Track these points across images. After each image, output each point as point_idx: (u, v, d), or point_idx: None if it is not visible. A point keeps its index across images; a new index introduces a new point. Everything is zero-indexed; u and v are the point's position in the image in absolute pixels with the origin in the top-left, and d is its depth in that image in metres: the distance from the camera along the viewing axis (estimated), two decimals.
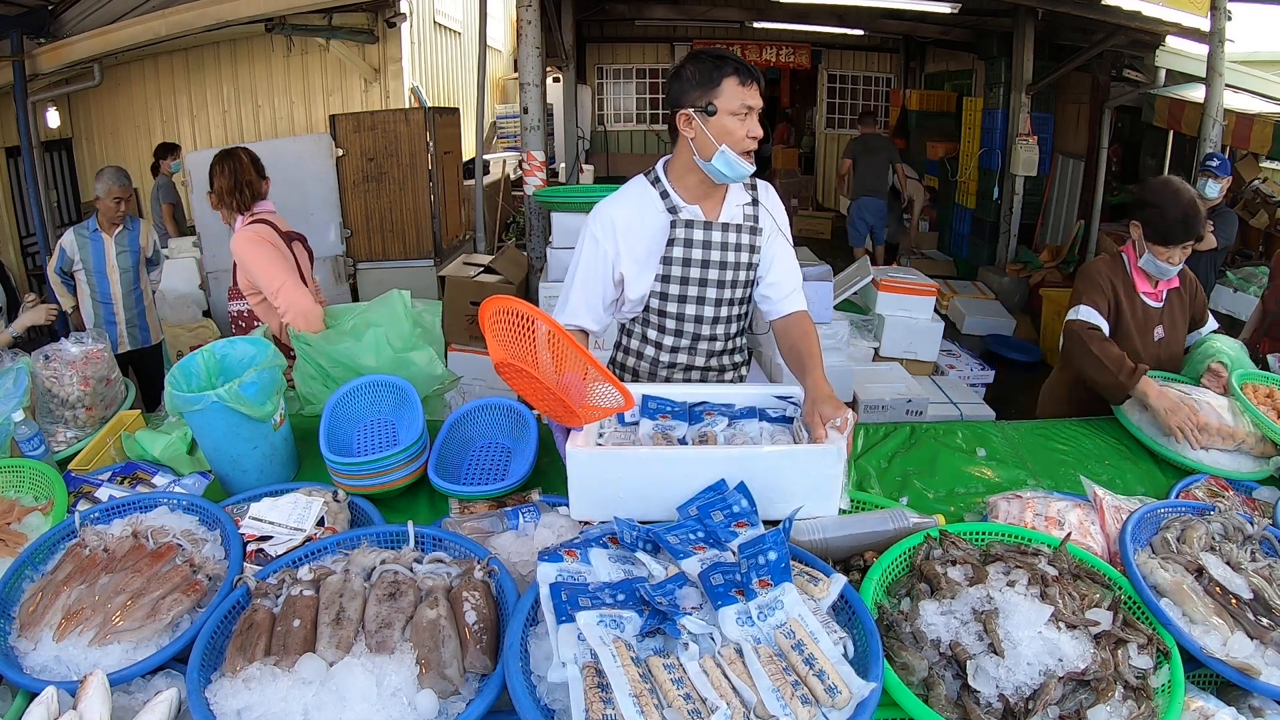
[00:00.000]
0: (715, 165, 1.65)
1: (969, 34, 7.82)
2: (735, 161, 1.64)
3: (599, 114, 11.07)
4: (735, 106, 1.61)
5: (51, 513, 1.48)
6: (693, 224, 1.74)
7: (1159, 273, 2.14)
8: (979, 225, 7.67)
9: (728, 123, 1.62)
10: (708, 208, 1.76)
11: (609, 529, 1.27)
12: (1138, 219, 2.12)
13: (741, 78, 1.62)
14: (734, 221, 1.78)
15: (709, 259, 1.75)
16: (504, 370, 1.34)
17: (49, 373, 1.87)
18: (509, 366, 1.32)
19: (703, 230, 1.74)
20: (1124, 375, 1.94)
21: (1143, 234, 2.12)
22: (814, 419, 1.46)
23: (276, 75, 6.64)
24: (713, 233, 1.75)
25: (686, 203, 1.75)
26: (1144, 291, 2.18)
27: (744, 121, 1.63)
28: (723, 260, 1.76)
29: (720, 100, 1.62)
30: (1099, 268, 2.21)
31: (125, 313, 3.81)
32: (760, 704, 0.96)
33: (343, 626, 1.09)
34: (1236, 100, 5.13)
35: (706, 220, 1.75)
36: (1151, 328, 2.19)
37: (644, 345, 1.88)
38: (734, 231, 1.77)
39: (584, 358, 1.29)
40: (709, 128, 1.63)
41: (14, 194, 5.83)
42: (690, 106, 1.64)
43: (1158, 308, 2.20)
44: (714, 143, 1.63)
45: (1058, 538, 1.32)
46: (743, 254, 1.78)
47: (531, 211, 4.73)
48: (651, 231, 1.75)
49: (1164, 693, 1.07)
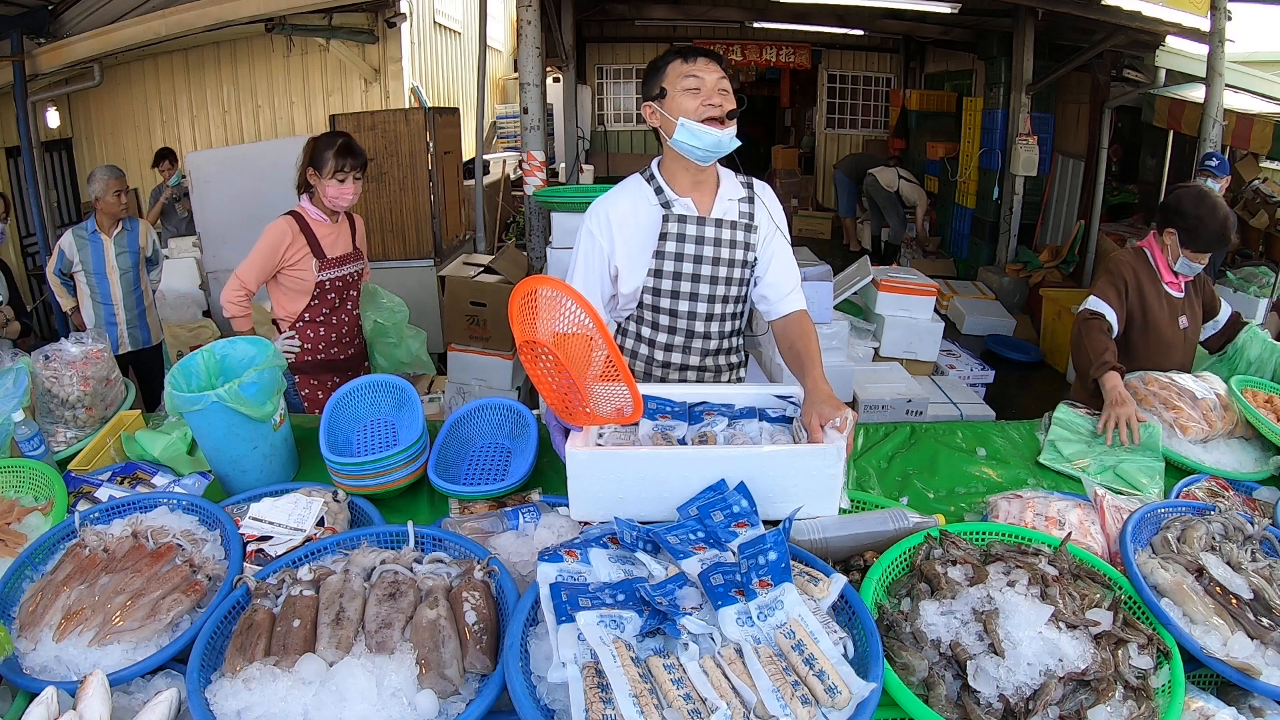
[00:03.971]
0: (681, 140, 1.68)
1: (969, 34, 7.82)
2: (697, 130, 1.66)
3: (599, 114, 11.07)
4: (682, 83, 1.68)
5: (51, 513, 1.48)
6: (685, 219, 1.75)
7: (1190, 272, 2.26)
8: (979, 225, 7.67)
9: (679, 99, 1.68)
10: (700, 200, 1.78)
11: (609, 529, 1.27)
12: (1174, 228, 2.21)
13: (685, 57, 1.69)
14: (728, 218, 1.78)
15: (701, 254, 1.76)
16: (526, 351, 1.36)
17: (49, 373, 1.87)
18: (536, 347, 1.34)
19: (695, 225, 1.75)
20: (1094, 369, 2.02)
21: (1179, 241, 2.22)
22: (812, 419, 1.46)
23: (276, 75, 6.63)
24: (705, 228, 1.76)
25: (679, 196, 1.76)
26: (1168, 283, 2.28)
27: (696, 95, 1.68)
28: (715, 256, 1.77)
29: (667, 82, 1.70)
30: (1122, 261, 2.31)
31: (125, 313, 3.81)
32: (760, 704, 0.96)
33: (343, 626, 1.09)
34: (1236, 100, 5.13)
35: (699, 215, 1.76)
36: (1177, 317, 2.28)
37: (639, 344, 1.88)
38: (728, 228, 1.77)
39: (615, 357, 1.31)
40: (665, 109, 1.70)
41: (14, 194, 5.82)
42: (648, 100, 1.75)
43: (1180, 298, 2.30)
44: (672, 120, 1.68)
45: (1058, 538, 1.32)
46: (737, 251, 1.78)
47: (531, 211, 4.73)
48: (645, 225, 1.77)
49: (1164, 693, 1.07)
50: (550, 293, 1.36)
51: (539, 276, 1.39)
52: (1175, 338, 2.27)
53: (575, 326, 1.37)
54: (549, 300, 1.36)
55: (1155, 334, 2.24)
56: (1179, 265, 2.24)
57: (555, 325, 1.37)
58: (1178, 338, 2.27)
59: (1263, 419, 1.83)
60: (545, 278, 1.39)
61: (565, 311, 1.36)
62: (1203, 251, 2.20)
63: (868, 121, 10.92)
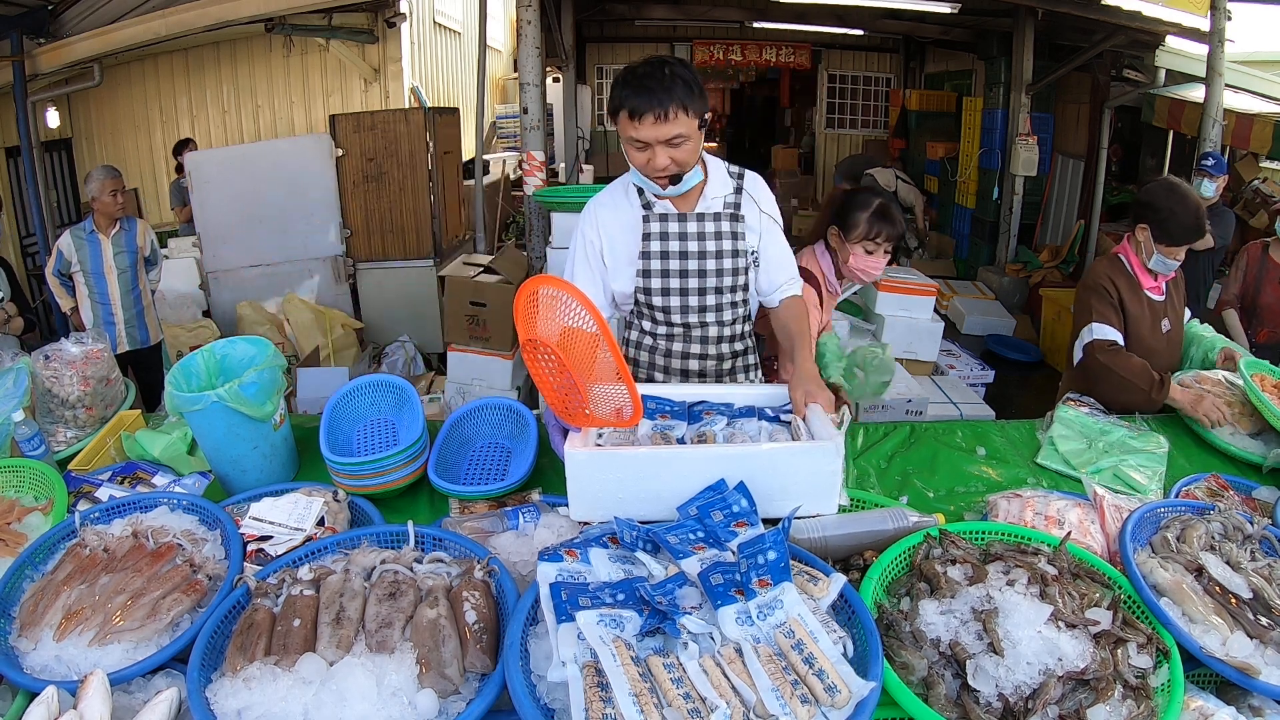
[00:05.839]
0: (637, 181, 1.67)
1: (969, 34, 7.82)
2: (647, 182, 1.65)
3: (599, 114, 11.06)
4: (627, 135, 1.58)
5: (51, 513, 1.48)
6: (666, 217, 1.75)
7: (1166, 269, 2.18)
8: (979, 225, 7.67)
9: (628, 148, 1.61)
10: (680, 201, 1.76)
11: (609, 529, 1.27)
12: (1145, 222, 2.14)
13: (631, 112, 1.53)
14: (710, 211, 1.77)
15: (686, 250, 1.76)
16: (529, 350, 1.36)
17: (49, 373, 1.87)
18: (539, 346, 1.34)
19: (677, 222, 1.75)
20: (1154, 392, 1.99)
21: (1151, 236, 2.14)
22: (798, 396, 1.52)
23: (276, 75, 6.63)
24: (688, 224, 1.75)
25: (658, 198, 1.74)
26: (1148, 288, 2.21)
27: (641, 153, 1.58)
28: (701, 250, 1.76)
29: (618, 126, 1.59)
30: (1099, 273, 2.23)
31: (124, 313, 3.81)
32: (760, 703, 0.96)
33: (343, 626, 1.09)
34: (1236, 100, 5.13)
35: (680, 212, 1.76)
36: (1159, 321, 2.23)
37: (642, 337, 1.90)
38: (711, 220, 1.76)
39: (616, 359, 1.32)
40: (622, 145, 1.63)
41: (14, 194, 5.82)
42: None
43: (1161, 301, 2.24)
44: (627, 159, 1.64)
45: (1057, 537, 1.32)
46: (724, 242, 1.77)
47: (531, 211, 4.73)
48: (628, 226, 1.77)
49: (1163, 692, 1.07)
50: (553, 291, 1.36)
51: (544, 276, 1.39)
52: (1158, 344, 2.21)
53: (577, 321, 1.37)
54: (550, 299, 1.36)
55: (1138, 344, 2.17)
56: (1153, 262, 2.15)
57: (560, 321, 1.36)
58: (1160, 343, 2.21)
59: (1268, 403, 1.83)
60: (550, 277, 1.40)
61: (566, 308, 1.36)
62: (1176, 245, 2.11)
63: (867, 121, 10.92)
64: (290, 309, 5.01)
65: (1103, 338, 2.14)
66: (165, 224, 6.13)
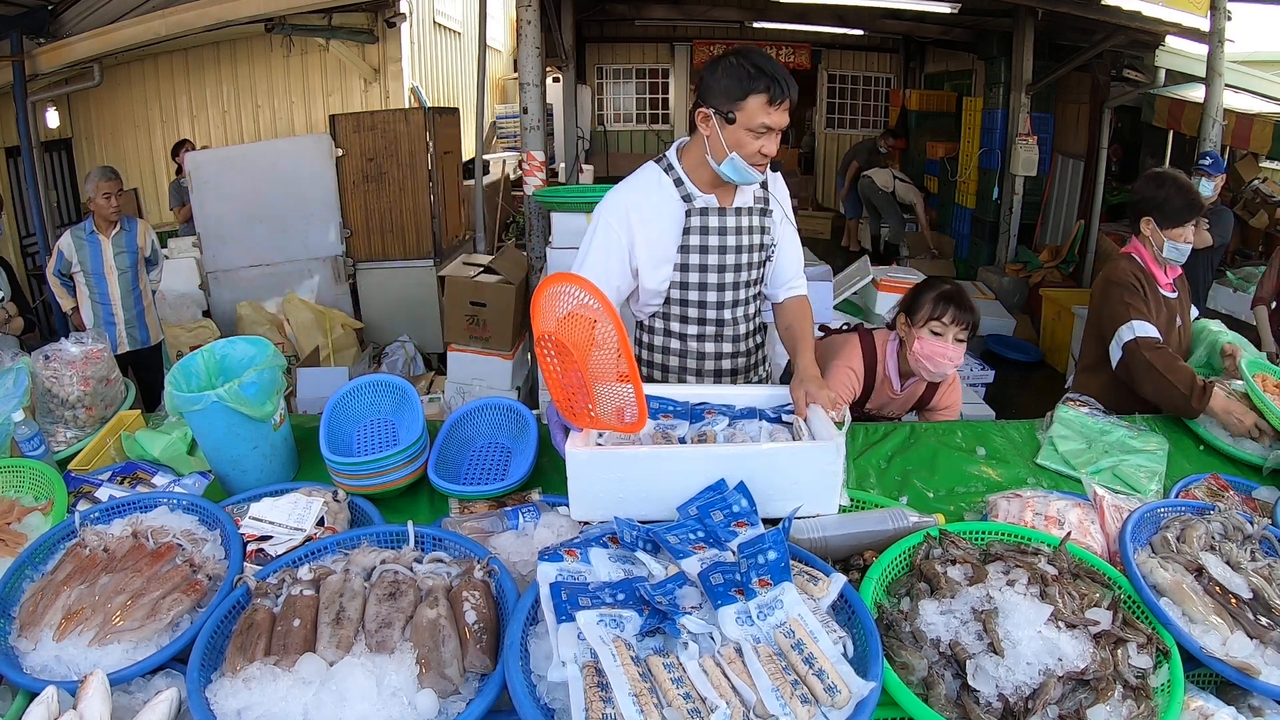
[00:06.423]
0: (723, 169, 1.66)
1: (969, 34, 7.82)
2: (744, 169, 1.64)
3: (599, 114, 11.06)
4: (755, 124, 1.59)
5: (51, 513, 1.48)
6: (708, 211, 1.74)
7: (1180, 256, 2.18)
8: (979, 225, 7.67)
9: (743, 136, 1.61)
10: (721, 196, 1.77)
11: (609, 529, 1.27)
12: (1148, 214, 2.17)
13: (772, 96, 1.57)
14: (745, 205, 1.79)
15: (725, 244, 1.76)
16: (542, 346, 1.37)
17: (49, 373, 1.87)
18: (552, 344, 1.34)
19: (718, 217, 1.75)
20: (1195, 399, 1.90)
21: (1156, 225, 2.16)
22: (799, 396, 1.53)
23: (276, 75, 6.63)
24: (727, 218, 1.76)
25: (701, 192, 1.74)
26: (1163, 286, 2.22)
27: (759, 139, 1.61)
28: (738, 244, 1.77)
29: (742, 114, 1.59)
30: (1124, 270, 2.19)
31: (124, 313, 3.81)
32: (760, 703, 0.96)
33: (343, 626, 1.09)
34: (1236, 100, 5.13)
35: (721, 206, 1.76)
36: (1174, 319, 2.23)
37: (669, 339, 1.87)
38: (746, 215, 1.78)
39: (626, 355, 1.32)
40: (724, 133, 1.62)
41: (14, 194, 5.82)
42: (712, 107, 1.63)
43: (1174, 298, 2.24)
44: (725, 149, 1.62)
45: (1057, 537, 1.32)
46: (754, 236, 1.79)
47: (531, 211, 4.72)
48: (666, 220, 1.74)
49: (1163, 692, 1.07)
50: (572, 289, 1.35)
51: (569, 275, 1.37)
52: (1173, 340, 2.21)
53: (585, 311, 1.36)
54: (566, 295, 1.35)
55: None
56: (1167, 251, 2.15)
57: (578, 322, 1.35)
58: (1174, 339, 2.22)
59: (1269, 403, 1.82)
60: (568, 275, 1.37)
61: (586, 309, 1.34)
62: (1182, 224, 2.12)
63: (867, 121, 10.90)
64: (290, 309, 5.01)
65: (1146, 335, 2.05)
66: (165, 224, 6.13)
